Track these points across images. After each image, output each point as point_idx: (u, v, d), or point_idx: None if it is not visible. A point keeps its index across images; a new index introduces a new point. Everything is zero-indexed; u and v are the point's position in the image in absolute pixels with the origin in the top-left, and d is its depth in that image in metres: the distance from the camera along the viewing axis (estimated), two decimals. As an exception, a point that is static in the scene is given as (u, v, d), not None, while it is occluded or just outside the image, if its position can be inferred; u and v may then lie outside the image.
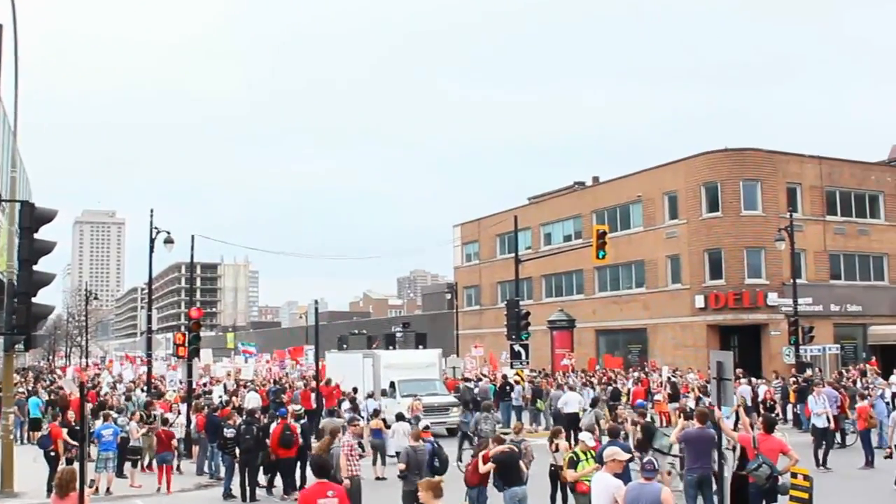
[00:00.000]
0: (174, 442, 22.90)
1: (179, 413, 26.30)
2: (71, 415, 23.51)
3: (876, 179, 53.51)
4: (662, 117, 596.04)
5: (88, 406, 25.39)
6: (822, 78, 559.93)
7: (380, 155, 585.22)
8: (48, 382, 43.92)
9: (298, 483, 20.25)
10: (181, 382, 36.34)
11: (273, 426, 20.58)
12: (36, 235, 14.30)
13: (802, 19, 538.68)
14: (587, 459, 14.08)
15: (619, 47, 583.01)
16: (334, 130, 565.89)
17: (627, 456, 12.62)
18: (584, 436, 15.01)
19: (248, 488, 20.00)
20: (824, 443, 22.84)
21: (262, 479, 20.94)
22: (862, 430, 23.33)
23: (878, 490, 19.57)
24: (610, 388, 36.41)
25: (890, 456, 19.18)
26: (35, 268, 13.68)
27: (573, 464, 14.26)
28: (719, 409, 14.84)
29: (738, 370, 33.64)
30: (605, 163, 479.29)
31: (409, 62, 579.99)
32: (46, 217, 14.25)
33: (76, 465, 12.11)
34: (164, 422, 23.38)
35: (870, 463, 22.43)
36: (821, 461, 22.21)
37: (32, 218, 13.44)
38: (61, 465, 18.31)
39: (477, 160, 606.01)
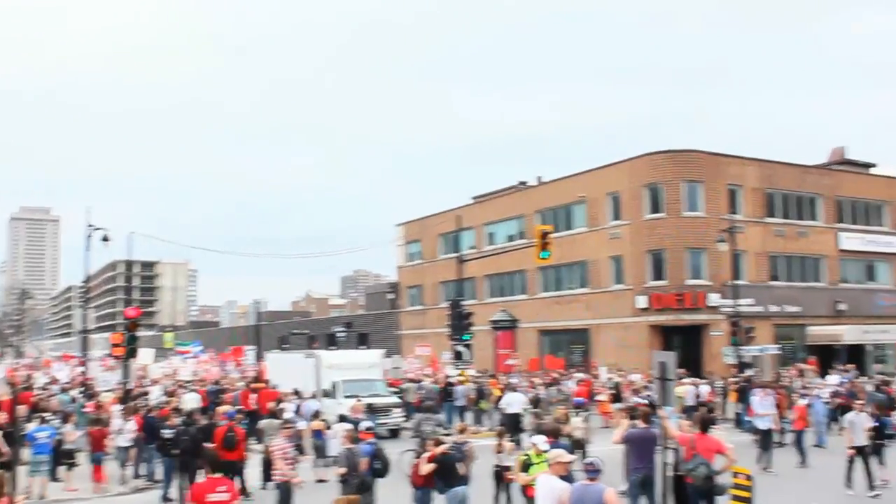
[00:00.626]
0: (107, 441, 22.37)
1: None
2: (2, 416, 22.74)
3: (814, 182, 54.61)
4: (607, 118, 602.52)
5: (23, 408, 24.82)
6: (764, 83, 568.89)
7: (321, 152, 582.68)
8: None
9: (240, 486, 19.73)
10: (118, 383, 35.44)
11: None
12: None
13: (746, 25, 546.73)
14: (540, 463, 13.90)
15: (566, 48, 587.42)
16: (273, 127, 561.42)
17: (572, 457, 12.51)
18: (537, 439, 14.88)
19: (185, 491, 19.55)
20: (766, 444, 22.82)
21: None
22: (798, 429, 23.64)
23: (818, 489, 19.92)
24: (553, 388, 36.44)
25: (851, 460, 19.14)
26: None
27: (526, 467, 14.13)
28: (661, 408, 14.92)
29: (681, 370, 33.86)
30: (549, 163, 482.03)
31: (353, 58, 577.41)
32: None
33: (15, 468, 11.62)
34: (96, 422, 22.79)
35: (803, 462, 22.94)
36: (768, 461, 22.20)
37: None
38: None
39: (421, 158, 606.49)
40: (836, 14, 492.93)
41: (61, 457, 21.78)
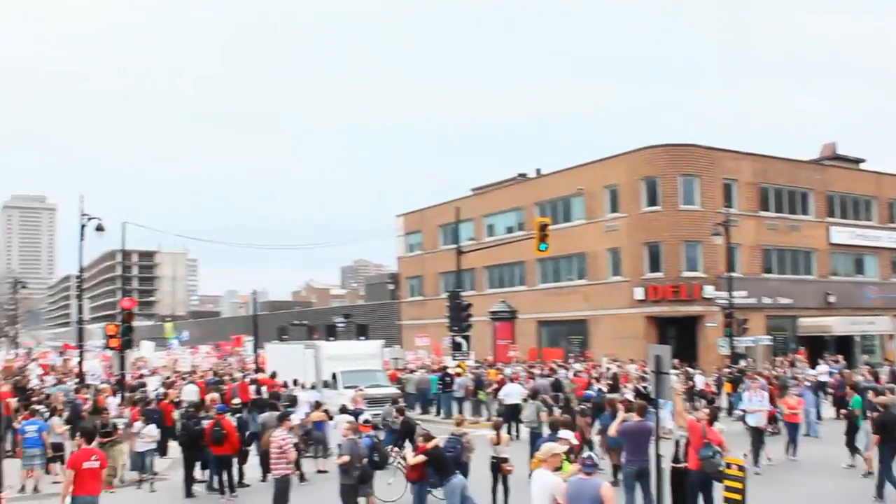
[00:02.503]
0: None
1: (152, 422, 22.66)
2: None
3: (806, 177, 55.66)
4: (605, 111, 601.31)
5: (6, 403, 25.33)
6: (759, 79, 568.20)
7: (323, 144, 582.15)
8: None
9: (237, 479, 20.38)
10: (116, 375, 35.54)
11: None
12: None
13: (746, 20, 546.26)
14: (567, 460, 13.51)
15: (564, 40, 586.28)
16: (279, 117, 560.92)
17: (565, 448, 12.65)
18: (566, 433, 14.88)
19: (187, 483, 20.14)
20: (758, 441, 22.16)
21: (203, 474, 20.95)
22: (792, 422, 23.55)
23: (808, 480, 20.22)
24: (552, 379, 36.95)
25: (869, 472, 19.12)
26: None
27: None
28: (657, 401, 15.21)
29: (675, 360, 34.63)
30: (548, 155, 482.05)
31: (350, 46, 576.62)
32: None
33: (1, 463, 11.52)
34: (94, 413, 23.03)
35: (794, 454, 23.07)
36: (756, 459, 21.61)
37: None
38: None
39: (421, 150, 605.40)
40: (834, 14, 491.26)
41: (50, 450, 21.42)
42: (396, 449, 19.27)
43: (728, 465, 13.86)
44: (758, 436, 21.98)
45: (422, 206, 72.05)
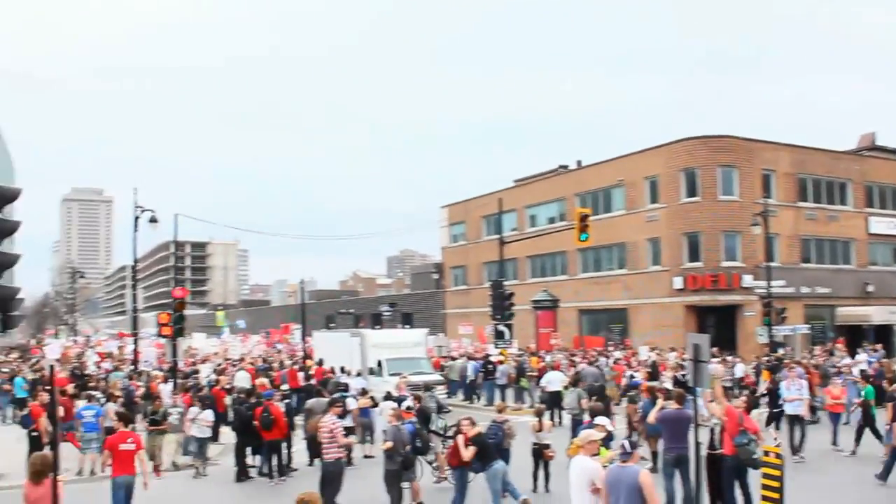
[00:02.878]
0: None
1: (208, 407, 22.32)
2: (44, 397, 22.50)
3: (844, 168, 54.98)
4: (644, 104, 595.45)
5: (64, 389, 25.72)
6: (798, 69, 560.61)
7: (369, 137, 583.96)
8: (34, 361, 43.86)
9: (286, 462, 20.53)
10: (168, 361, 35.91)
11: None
12: (2, 215, 13.51)
13: (782, 11, 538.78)
14: (605, 446, 13.63)
15: (604, 32, 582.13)
16: (322, 111, 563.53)
17: (602, 435, 12.63)
18: (602, 420, 14.79)
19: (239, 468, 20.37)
20: (798, 430, 21.38)
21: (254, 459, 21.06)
22: (835, 412, 22.84)
23: (852, 469, 19.81)
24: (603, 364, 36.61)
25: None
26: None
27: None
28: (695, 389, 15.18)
29: (714, 349, 34.39)
30: (589, 147, 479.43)
31: (392, 43, 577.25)
32: (8, 197, 13.44)
33: (58, 448, 11.73)
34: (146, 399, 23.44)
35: (835, 443, 22.31)
36: (795, 449, 20.98)
37: None
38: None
39: (464, 143, 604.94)
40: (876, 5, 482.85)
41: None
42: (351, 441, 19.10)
43: (766, 454, 13.64)
44: (796, 425, 21.36)
45: (465, 197, 72.18)
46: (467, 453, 14.65)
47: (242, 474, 20.37)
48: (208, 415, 21.41)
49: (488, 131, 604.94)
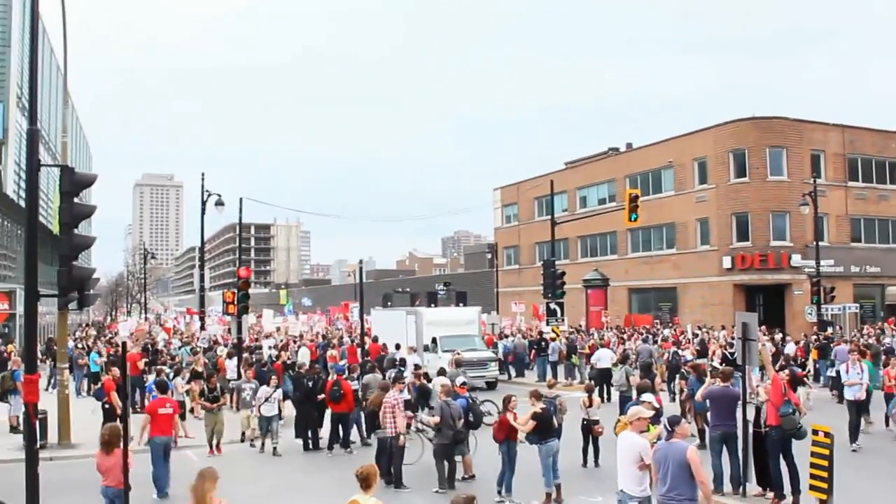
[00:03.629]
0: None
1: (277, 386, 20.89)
2: (115, 372, 22.76)
3: (896, 147, 53.29)
4: (694, 85, 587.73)
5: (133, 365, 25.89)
6: (846, 49, 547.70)
7: (425, 119, 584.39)
8: (108, 337, 44.56)
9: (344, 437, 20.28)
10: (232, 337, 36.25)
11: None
12: (78, 199, 13.58)
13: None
14: (652, 423, 13.19)
15: (654, 16, 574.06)
16: (381, 100, 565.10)
17: (651, 412, 12.34)
18: (648, 397, 14.40)
19: (306, 440, 20.37)
20: (857, 415, 19.48)
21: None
22: (889, 392, 20.94)
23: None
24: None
25: None
26: (77, 231, 13.14)
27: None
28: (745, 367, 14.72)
29: (762, 327, 33.67)
30: (638, 129, 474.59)
31: (445, 27, 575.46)
32: (86, 182, 13.76)
33: (127, 421, 11.95)
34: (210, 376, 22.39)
35: (888, 424, 21.10)
36: (855, 435, 19.10)
37: (72, 182, 12.72)
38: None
39: (516, 126, 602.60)
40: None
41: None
42: (411, 414, 18.87)
43: (815, 432, 12.99)
44: (856, 410, 19.44)
45: (517, 179, 71.70)
46: (527, 427, 14.45)
47: (307, 446, 20.33)
48: (279, 393, 20.52)
49: (542, 115, 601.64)
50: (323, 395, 20.20)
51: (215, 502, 8.42)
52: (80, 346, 37.98)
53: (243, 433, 20.92)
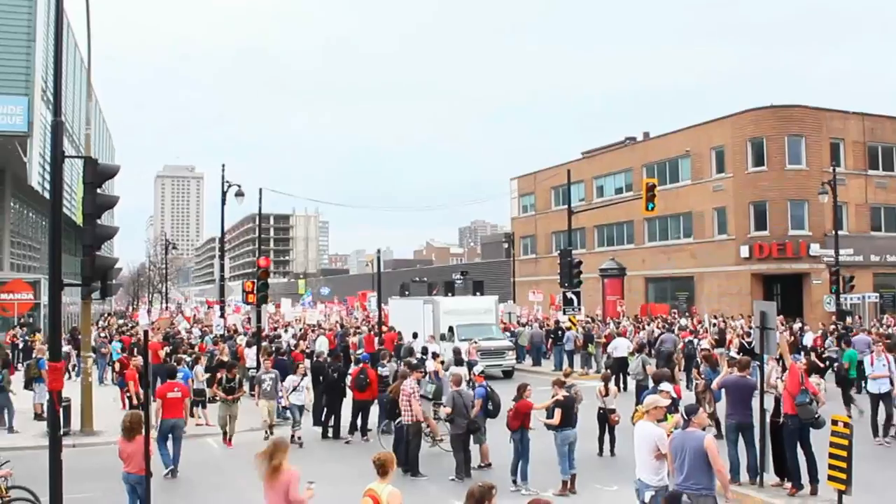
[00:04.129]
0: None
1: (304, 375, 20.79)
2: (137, 361, 22.67)
3: (918, 135, 52.59)
4: (711, 75, 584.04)
5: (163, 352, 26.00)
6: (866, 37, 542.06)
7: (442, 110, 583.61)
8: (129, 327, 44.82)
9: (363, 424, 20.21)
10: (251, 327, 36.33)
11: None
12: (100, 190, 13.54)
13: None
14: (670, 412, 13.24)
15: (670, 4, 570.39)
16: (397, 90, 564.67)
17: (668, 402, 12.38)
18: (666, 386, 14.39)
19: (326, 428, 20.43)
20: (883, 410, 18.57)
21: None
22: None
23: None
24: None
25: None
26: (99, 221, 13.08)
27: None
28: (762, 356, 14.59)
29: (780, 317, 33.35)
30: (655, 119, 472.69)
31: (460, 18, 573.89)
32: (109, 173, 13.73)
33: (148, 409, 12.09)
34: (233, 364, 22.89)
35: None
36: (880, 431, 18.43)
37: (95, 173, 12.77)
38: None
39: (532, 116, 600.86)
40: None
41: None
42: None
43: (835, 422, 12.69)
44: (878, 403, 18.57)
45: (534, 169, 71.59)
46: (556, 418, 14.40)
47: (326, 434, 20.38)
48: (307, 381, 20.32)
49: (557, 105, 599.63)
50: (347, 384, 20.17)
51: (290, 473, 8.49)
52: (102, 335, 38.30)
53: (271, 426, 19.79)
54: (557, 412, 14.44)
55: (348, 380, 20.42)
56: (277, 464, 8.46)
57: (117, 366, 26.37)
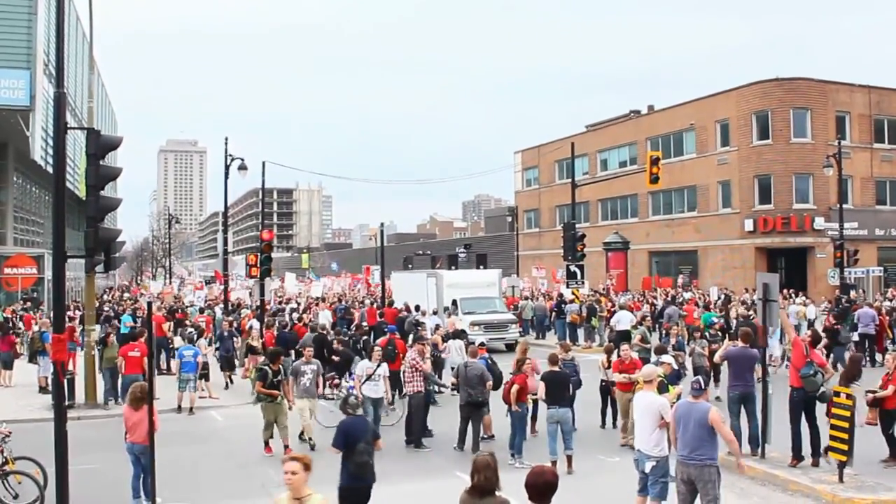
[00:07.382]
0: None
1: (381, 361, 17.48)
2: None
3: (924, 108, 52.26)
4: (716, 47, 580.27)
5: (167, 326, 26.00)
6: (872, 8, 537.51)
7: (445, 84, 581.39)
8: (133, 301, 44.86)
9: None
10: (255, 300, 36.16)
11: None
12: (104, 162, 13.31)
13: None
14: (673, 383, 13.22)
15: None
16: (400, 64, 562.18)
17: (663, 370, 12.53)
18: (667, 358, 14.38)
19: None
20: None
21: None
22: None
23: None
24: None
25: None
26: (103, 193, 13.03)
27: (664, 387, 13.32)
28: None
29: (783, 291, 33.43)
30: (660, 92, 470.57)
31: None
32: (112, 144, 13.70)
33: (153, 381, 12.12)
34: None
35: None
36: None
37: (98, 145, 12.64)
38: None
39: (537, 89, 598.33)
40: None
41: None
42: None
43: (836, 394, 12.75)
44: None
45: (538, 142, 71.35)
46: (540, 390, 14.30)
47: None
48: (384, 369, 16.57)
49: (562, 77, 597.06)
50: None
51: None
52: (107, 308, 38.36)
53: (302, 431, 16.25)
54: (542, 385, 14.23)
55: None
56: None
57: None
